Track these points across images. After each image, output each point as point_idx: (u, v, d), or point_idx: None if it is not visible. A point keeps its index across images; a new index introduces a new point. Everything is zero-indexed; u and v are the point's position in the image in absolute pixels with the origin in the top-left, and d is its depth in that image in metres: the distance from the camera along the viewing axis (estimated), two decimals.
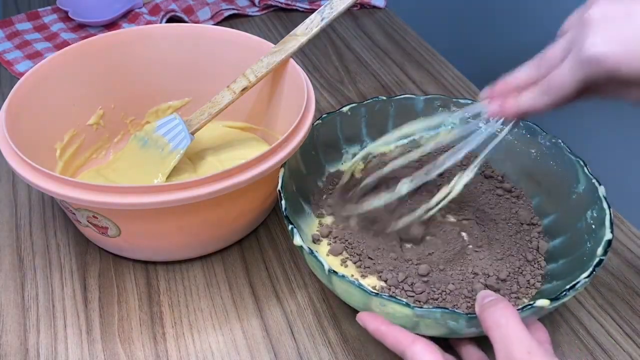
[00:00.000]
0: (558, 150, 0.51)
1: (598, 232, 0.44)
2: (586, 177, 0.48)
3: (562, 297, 0.38)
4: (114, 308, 0.49)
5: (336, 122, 0.55)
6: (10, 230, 0.55)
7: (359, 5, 0.95)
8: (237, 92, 0.54)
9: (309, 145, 0.52)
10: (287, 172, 0.48)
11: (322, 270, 0.41)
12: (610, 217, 0.44)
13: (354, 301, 0.42)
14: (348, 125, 0.56)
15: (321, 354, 0.46)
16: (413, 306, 0.38)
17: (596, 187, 0.46)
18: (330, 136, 0.55)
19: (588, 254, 0.43)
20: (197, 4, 0.90)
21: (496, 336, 0.35)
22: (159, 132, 0.56)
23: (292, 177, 0.49)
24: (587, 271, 0.40)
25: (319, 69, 0.81)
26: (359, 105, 0.55)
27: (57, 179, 0.42)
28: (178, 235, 0.49)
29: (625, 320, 0.49)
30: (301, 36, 0.54)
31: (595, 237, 0.44)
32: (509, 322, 0.35)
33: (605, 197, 0.45)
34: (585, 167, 0.48)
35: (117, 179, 0.55)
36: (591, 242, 0.44)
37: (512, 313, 0.36)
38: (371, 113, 0.56)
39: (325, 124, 0.54)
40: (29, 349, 0.46)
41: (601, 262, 0.41)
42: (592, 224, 0.45)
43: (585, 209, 0.46)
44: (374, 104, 0.56)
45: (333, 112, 0.54)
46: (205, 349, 0.46)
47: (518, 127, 0.52)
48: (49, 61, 0.54)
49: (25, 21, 0.85)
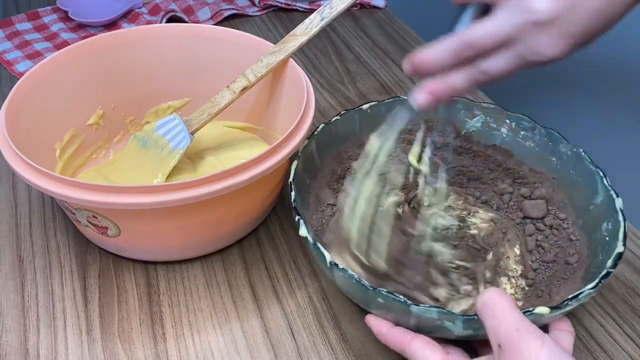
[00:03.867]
0: (579, 160, 0.49)
1: (611, 244, 0.43)
2: (605, 188, 0.46)
3: (564, 306, 0.38)
4: (114, 308, 0.49)
5: (355, 118, 0.54)
6: (10, 230, 0.55)
7: (359, 5, 0.95)
8: (237, 92, 0.54)
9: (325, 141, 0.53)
10: (301, 166, 0.48)
11: (324, 262, 0.41)
12: (624, 230, 0.43)
13: (354, 295, 0.42)
14: (367, 123, 0.55)
15: (321, 354, 0.46)
16: (410, 303, 0.38)
17: (614, 199, 0.45)
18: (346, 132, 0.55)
19: (598, 265, 0.42)
20: (197, 4, 0.90)
21: (485, 317, 0.35)
22: (159, 132, 0.56)
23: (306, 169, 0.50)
24: (594, 282, 0.39)
25: (319, 69, 0.81)
26: (379, 104, 0.55)
27: (57, 179, 0.42)
28: (178, 235, 0.49)
29: (625, 320, 0.49)
30: (301, 36, 0.54)
31: (608, 250, 0.43)
32: (496, 302, 0.35)
33: (622, 210, 0.44)
34: (605, 179, 0.47)
35: (117, 179, 0.55)
36: (603, 254, 0.43)
37: (500, 296, 0.35)
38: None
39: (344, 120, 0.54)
40: (29, 349, 0.46)
41: (609, 275, 0.40)
42: (605, 236, 0.44)
43: (602, 220, 0.46)
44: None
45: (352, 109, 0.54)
46: (205, 349, 0.46)
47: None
48: (49, 61, 0.54)
49: (25, 21, 0.85)
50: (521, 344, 0.32)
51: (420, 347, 0.38)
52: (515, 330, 0.33)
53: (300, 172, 0.48)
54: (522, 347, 0.32)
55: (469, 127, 0.55)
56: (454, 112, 0.55)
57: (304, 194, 0.49)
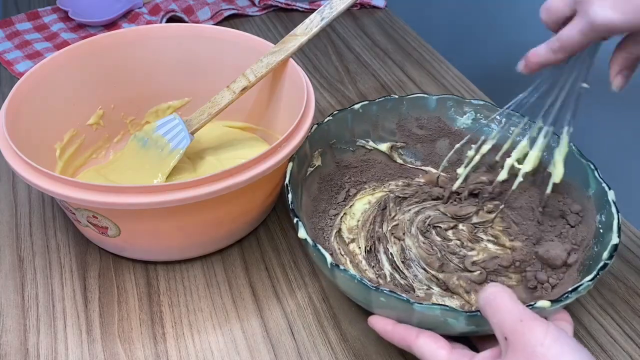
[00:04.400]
0: (569, 154, 0.49)
1: (605, 236, 0.44)
2: (596, 181, 0.47)
3: (564, 299, 0.38)
4: (114, 308, 0.49)
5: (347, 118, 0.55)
6: (10, 230, 0.55)
7: (359, 5, 0.95)
8: (237, 92, 0.54)
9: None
10: (296, 167, 0.48)
11: (325, 263, 0.41)
12: (618, 221, 0.43)
13: (356, 296, 0.42)
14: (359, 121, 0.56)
15: (321, 354, 0.46)
16: (413, 302, 0.38)
17: (606, 192, 0.46)
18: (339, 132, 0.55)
19: (594, 257, 0.43)
20: (197, 4, 0.90)
21: (489, 313, 0.36)
22: (159, 132, 0.56)
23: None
24: (591, 274, 0.40)
25: (319, 69, 0.81)
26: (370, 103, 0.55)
27: (57, 179, 0.42)
28: (178, 235, 0.49)
29: (625, 320, 0.49)
30: (301, 36, 0.54)
31: (603, 242, 0.43)
32: (496, 297, 0.36)
33: (614, 202, 0.45)
34: (596, 171, 0.47)
35: (117, 179, 0.55)
36: (598, 246, 0.44)
37: (501, 290, 0.36)
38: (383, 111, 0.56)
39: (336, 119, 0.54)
40: (29, 349, 0.46)
41: (606, 266, 0.40)
42: (600, 228, 0.45)
43: (595, 212, 0.46)
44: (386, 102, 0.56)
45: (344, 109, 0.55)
46: (205, 349, 0.46)
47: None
48: (49, 61, 0.54)
49: (25, 21, 0.85)
50: (526, 333, 0.33)
51: (426, 343, 0.39)
52: (519, 321, 0.34)
53: (295, 174, 0.48)
54: (528, 335, 0.33)
55: (460, 125, 0.57)
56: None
57: (300, 195, 0.49)
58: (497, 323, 0.35)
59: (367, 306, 0.42)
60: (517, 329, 0.34)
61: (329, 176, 0.55)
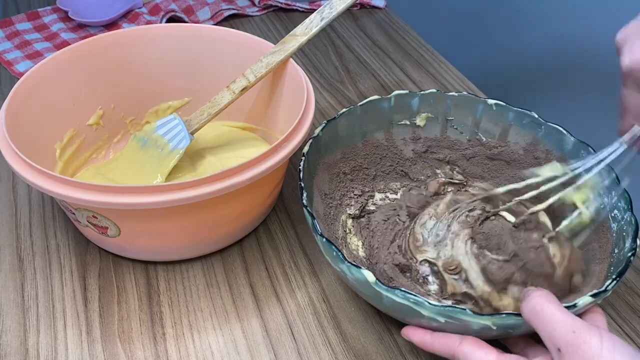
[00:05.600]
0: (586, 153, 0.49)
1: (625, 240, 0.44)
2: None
3: (606, 292, 0.39)
4: (114, 308, 0.49)
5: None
6: (10, 230, 0.55)
7: (359, 5, 0.95)
8: (237, 92, 0.55)
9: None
10: (307, 166, 0.48)
11: (338, 261, 0.41)
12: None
13: (367, 291, 0.42)
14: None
15: (321, 354, 0.46)
16: (473, 316, 0.37)
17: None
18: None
19: (617, 253, 0.44)
20: (197, 4, 0.90)
21: (537, 324, 0.35)
22: (159, 132, 0.56)
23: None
24: (622, 263, 0.41)
25: (319, 69, 0.81)
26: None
27: (57, 179, 0.42)
28: (178, 235, 0.49)
29: (625, 320, 0.49)
30: (301, 36, 0.54)
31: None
32: (543, 308, 0.35)
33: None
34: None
35: (116, 179, 0.55)
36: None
37: (546, 299, 0.36)
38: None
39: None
40: (29, 349, 0.46)
41: (634, 253, 0.41)
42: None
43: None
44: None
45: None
46: (205, 349, 0.46)
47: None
48: (49, 61, 0.54)
49: (25, 21, 0.85)
50: (582, 344, 0.33)
51: (471, 349, 0.38)
52: (572, 333, 0.34)
53: (306, 173, 0.48)
54: (584, 346, 0.33)
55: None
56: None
57: (310, 193, 0.49)
58: (547, 334, 0.35)
59: (403, 320, 0.42)
60: (571, 341, 0.34)
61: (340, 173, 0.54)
